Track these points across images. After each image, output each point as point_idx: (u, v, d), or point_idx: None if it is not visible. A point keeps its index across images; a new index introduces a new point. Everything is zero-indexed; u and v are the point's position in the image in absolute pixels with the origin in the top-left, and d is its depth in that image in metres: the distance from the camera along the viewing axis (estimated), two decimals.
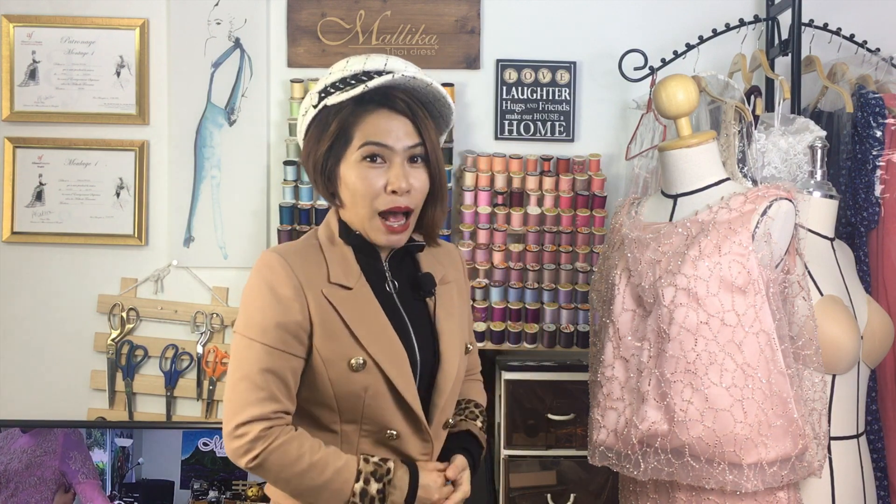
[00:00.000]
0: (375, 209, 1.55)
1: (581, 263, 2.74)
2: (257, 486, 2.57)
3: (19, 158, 2.82)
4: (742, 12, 2.70)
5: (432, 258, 1.71)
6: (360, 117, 1.55)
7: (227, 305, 2.83)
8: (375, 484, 1.49)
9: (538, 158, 2.78)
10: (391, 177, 1.54)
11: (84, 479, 2.56)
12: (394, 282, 1.63)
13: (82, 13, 2.82)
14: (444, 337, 1.62)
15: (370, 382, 1.52)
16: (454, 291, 1.70)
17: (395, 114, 1.55)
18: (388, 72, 1.56)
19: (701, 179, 1.91)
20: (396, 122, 1.55)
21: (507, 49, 2.84)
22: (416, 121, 1.56)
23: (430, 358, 1.61)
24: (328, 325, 1.53)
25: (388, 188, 1.54)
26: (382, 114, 1.55)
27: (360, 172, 1.54)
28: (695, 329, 1.77)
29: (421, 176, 1.57)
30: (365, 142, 1.54)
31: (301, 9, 2.81)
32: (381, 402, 1.54)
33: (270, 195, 2.82)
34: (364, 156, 1.54)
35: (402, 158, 1.55)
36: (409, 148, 1.55)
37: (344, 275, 1.57)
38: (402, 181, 1.53)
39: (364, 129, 1.55)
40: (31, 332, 2.84)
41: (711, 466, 1.76)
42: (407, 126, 1.55)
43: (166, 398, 2.81)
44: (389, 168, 1.55)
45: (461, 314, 1.71)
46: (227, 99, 2.81)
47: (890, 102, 2.34)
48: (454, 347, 1.63)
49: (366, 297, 1.57)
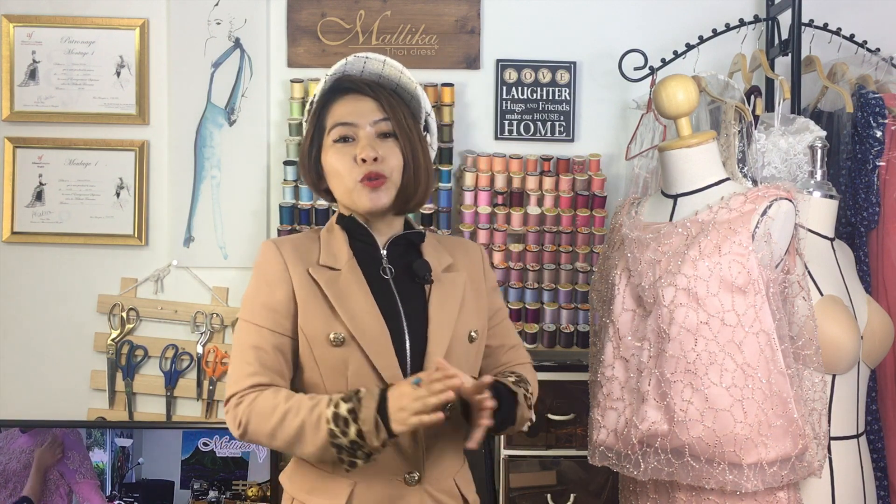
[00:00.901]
0: (354, 179, 1.63)
1: (581, 263, 2.74)
2: (257, 485, 2.57)
3: (19, 158, 2.82)
4: (742, 12, 2.70)
5: (439, 248, 1.74)
6: (330, 105, 1.68)
7: (227, 305, 2.83)
8: (345, 405, 1.49)
9: (538, 158, 2.78)
10: (358, 149, 1.63)
11: (81, 479, 2.56)
12: (390, 268, 1.67)
13: (82, 13, 2.82)
14: (434, 322, 1.63)
15: (350, 358, 1.57)
16: (461, 281, 1.71)
17: (359, 96, 1.66)
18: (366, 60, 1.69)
19: (701, 179, 1.91)
20: (361, 102, 1.66)
21: (507, 49, 2.84)
22: (381, 100, 1.66)
23: (420, 344, 1.62)
24: (312, 302, 1.60)
25: (357, 158, 1.62)
26: (349, 98, 1.67)
27: (334, 154, 1.65)
28: (695, 329, 1.77)
29: (393, 149, 1.65)
30: (333, 124, 1.65)
31: (301, 9, 2.81)
32: (363, 381, 1.57)
33: (270, 195, 2.82)
34: (335, 139, 1.65)
35: (370, 133, 1.64)
36: (374, 123, 1.65)
37: (333, 257, 1.65)
38: (368, 150, 1.61)
39: (333, 114, 1.67)
40: (31, 332, 2.84)
41: (711, 466, 1.76)
42: (371, 104, 1.66)
43: (166, 398, 2.81)
44: (358, 143, 1.64)
45: (468, 303, 1.70)
46: (227, 99, 2.81)
47: (890, 102, 2.34)
48: (443, 332, 1.63)
49: (353, 279, 1.63)
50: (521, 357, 1.85)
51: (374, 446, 1.49)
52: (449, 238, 1.84)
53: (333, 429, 1.48)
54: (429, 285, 1.67)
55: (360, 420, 1.47)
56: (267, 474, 2.57)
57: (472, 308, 1.71)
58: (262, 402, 1.55)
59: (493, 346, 1.78)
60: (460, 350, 1.65)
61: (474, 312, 1.72)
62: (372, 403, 1.48)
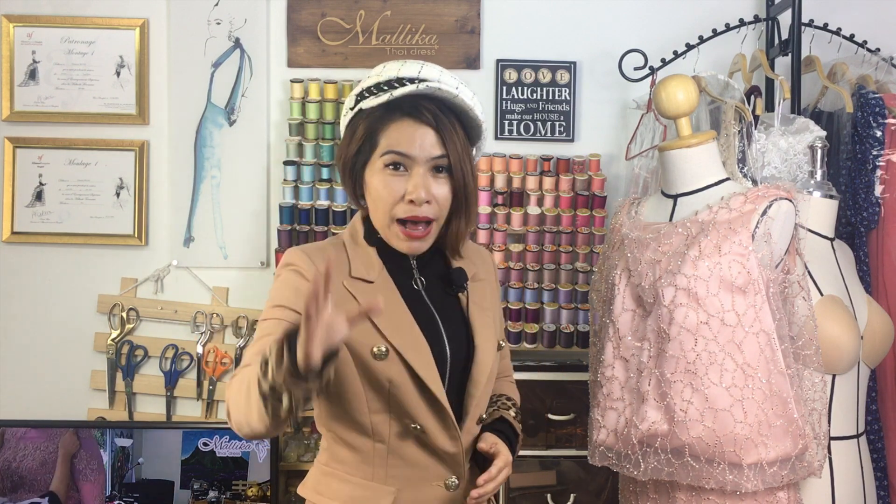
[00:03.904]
0: (394, 216, 1.55)
1: (581, 263, 2.74)
2: (257, 485, 2.57)
3: (19, 158, 2.82)
4: (742, 12, 2.70)
5: (463, 256, 1.71)
6: (387, 124, 1.56)
7: (227, 305, 2.83)
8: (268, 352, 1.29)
9: (538, 158, 2.78)
10: (410, 186, 1.53)
11: (85, 480, 2.56)
12: (421, 279, 1.64)
13: (82, 13, 2.82)
14: (478, 329, 1.62)
15: (394, 372, 1.53)
16: (486, 289, 1.70)
17: (419, 124, 1.54)
18: (421, 80, 1.56)
19: (701, 179, 1.91)
20: (421, 131, 1.54)
21: (507, 49, 2.84)
22: (442, 132, 1.55)
23: (461, 351, 1.61)
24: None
25: (406, 197, 1.54)
26: (408, 123, 1.55)
27: (382, 179, 1.55)
28: (695, 329, 1.77)
29: (444, 187, 1.56)
30: (387, 150, 1.54)
31: (301, 9, 2.81)
32: (405, 393, 1.53)
33: (270, 195, 2.82)
34: (386, 164, 1.55)
35: (425, 169, 1.54)
36: (432, 159, 1.55)
37: (365, 270, 1.58)
38: (421, 191, 1.53)
39: (389, 136, 1.55)
40: (31, 332, 2.84)
41: (711, 466, 1.76)
42: (431, 136, 1.54)
43: (166, 398, 2.81)
44: (410, 177, 1.54)
45: (494, 311, 1.70)
46: (227, 99, 2.81)
47: (890, 102, 2.34)
48: (488, 340, 1.63)
49: (388, 290, 1.57)
50: (508, 368, 1.84)
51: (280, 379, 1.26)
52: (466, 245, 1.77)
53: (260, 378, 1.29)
54: (464, 294, 1.65)
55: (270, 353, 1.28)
56: (267, 474, 2.57)
57: (496, 316, 1.71)
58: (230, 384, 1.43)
59: None
60: (496, 357, 1.66)
61: (498, 320, 1.72)
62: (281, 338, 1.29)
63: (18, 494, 2.54)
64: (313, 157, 2.75)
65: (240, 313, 2.81)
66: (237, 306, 2.83)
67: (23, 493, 2.54)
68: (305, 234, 2.73)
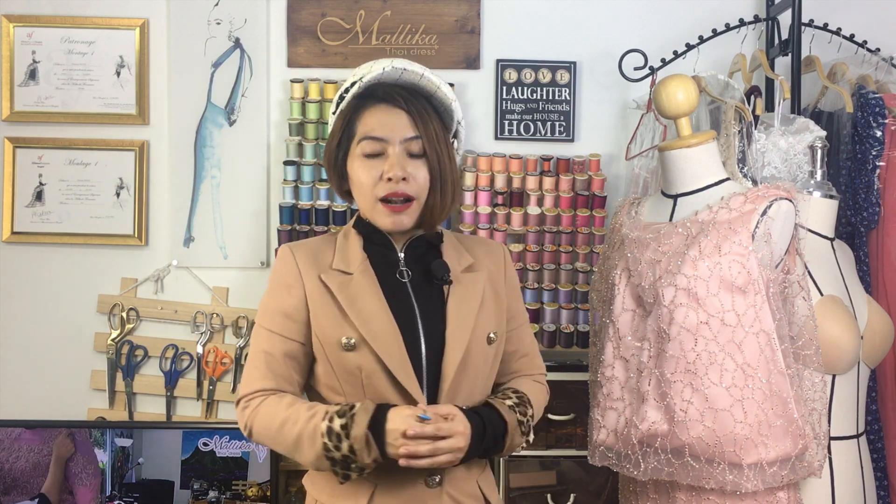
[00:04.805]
0: (376, 196, 1.63)
1: (581, 263, 2.74)
2: (257, 485, 2.57)
3: (19, 158, 2.82)
4: (742, 12, 2.70)
5: (459, 248, 1.73)
6: (361, 112, 1.65)
7: (227, 305, 2.83)
8: (339, 420, 1.51)
9: (538, 158, 2.78)
10: (386, 166, 1.61)
11: (80, 484, 2.55)
12: (408, 271, 1.67)
13: (82, 13, 2.82)
14: (452, 322, 1.63)
15: (363, 362, 1.57)
16: (481, 281, 1.70)
17: (392, 108, 1.64)
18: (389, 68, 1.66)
19: (701, 179, 1.91)
20: (394, 115, 1.63)
21: (507, 49, 2.84)
22: (413, 114, 1.63)
23: (438, 344, 1.62)
24: (324, 308, 1.61)
25: (384, 176, 1.61)
26: (381, 108, 1.64)
27: (361, 165, 1.64)
28: (695, 329, 1.77)
29: (420, 169, 1.63)
30: (364, 136, 1.63)
31: (301, 9, 2.81)
32: (377, 384, 1.57)
33: (270, 195, 2.82)
34: (364, 152, 1.63)
35: (400, 149, 1.62)
36: (405, 140, 1.62)
37: (345, 262, 1.66)
38: (397, 169, 1.60)
39: (364, 122, 1.64)
40: (31, 332, 2.84)
41: (711, 466, 1.76)
42: (403, 118, 1.63)
43: (166, 398, 2.81)
44: (387, 158, 1.62)
45: (488, 304, 1.69)
46: (227, 99, 2.81)
47: (890, 102, 2.34)
48: (461, 333, 1.62)
49: (366, 282, 1.63)
50: (533, 367, 1.81)
51: (365, 463, 1.50)
52: (470, 238, 1.83)
53: (327, 443, 1.51)
54: (447, 286, 1.66)
55: (351, 437, 1.49)
56: (267, 474, 2.57)
57: (492, 309, 1.70)
58: (264, 408, 1.59)
59: (507, 350, 1.75)
60: (479, 351, 1.65)
61: (494, 313, 1.70)
62: (364, 419, 1.49)
63: (11, 497, 2.53)
64: (313, 157, 2.75)
65: (240, 313, 2.81)
66: (237, 306, 2.83)
67: (15, 496, 2.53)
68: (305, 234, 2.73)
